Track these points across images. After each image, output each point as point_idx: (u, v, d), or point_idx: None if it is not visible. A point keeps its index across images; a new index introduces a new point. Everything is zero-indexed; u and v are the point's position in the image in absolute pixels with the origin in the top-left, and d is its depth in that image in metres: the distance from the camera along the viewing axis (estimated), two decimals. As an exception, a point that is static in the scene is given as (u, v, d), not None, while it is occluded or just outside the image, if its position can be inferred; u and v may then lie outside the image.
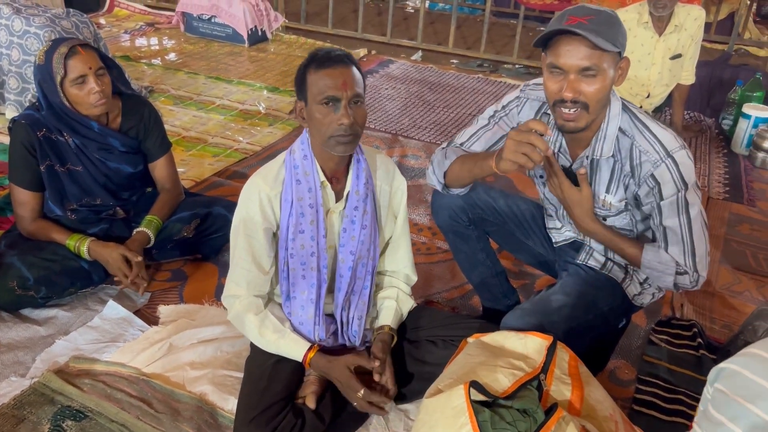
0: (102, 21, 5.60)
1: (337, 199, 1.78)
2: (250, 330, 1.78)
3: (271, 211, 1.74)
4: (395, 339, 1.85)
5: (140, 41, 5.20)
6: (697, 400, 1.93)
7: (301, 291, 1.79)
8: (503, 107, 1.83)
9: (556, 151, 1.76)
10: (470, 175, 1.77)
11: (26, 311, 2.11)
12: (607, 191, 1.73)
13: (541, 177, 1.89)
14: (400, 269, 1.95)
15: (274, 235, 1.79)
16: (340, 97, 1.58)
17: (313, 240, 1.75)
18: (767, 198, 3.30)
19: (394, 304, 1.89)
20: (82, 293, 2.21)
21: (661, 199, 1.62)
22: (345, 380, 1.70)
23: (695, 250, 1.65)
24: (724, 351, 2.13)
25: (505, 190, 2.25)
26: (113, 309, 2.13)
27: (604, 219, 1.79)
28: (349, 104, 1.59)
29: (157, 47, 5.11)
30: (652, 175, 1.61)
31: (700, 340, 2.18)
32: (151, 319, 2.15)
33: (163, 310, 2.18)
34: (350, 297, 1.85)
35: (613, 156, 1.67)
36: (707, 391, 1.11)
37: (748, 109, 3.72)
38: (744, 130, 3.74)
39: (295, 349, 1.75)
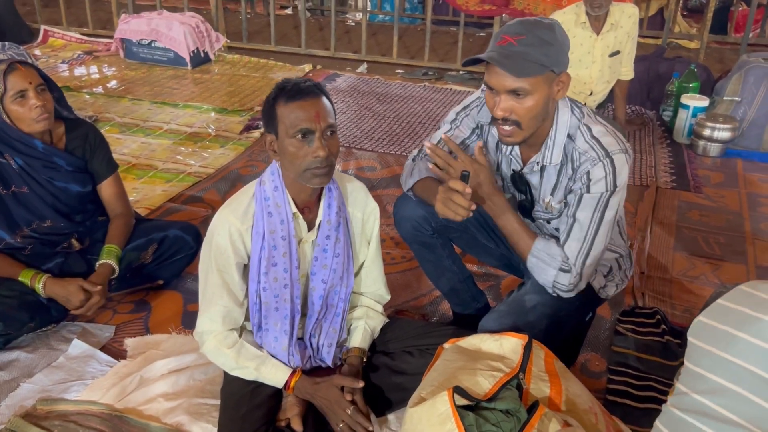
0: (37, 52, 5.46)
1: (309, 228, 1.76)
2: (227, 363, 1.75)
3: (242, 246, 1.72)
4: (365, 360, 1.85)
5: (79, 70, 5.09)
6: (667, 385, 2.00)
7: (274, 323, 1.77)
8: (464, 108, 1.88)
9: (508, 155, 1.80)
10: (427, 199, 1.82)
11: (-15, 356, 2.04)
12: (551, 193, 1.78)
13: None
14: (373, 290, 1.95)
15: (245, 267, 1.77)
16: (314, 129, 1.56)
17: (286, 272, 1.73)
18: (712, 184, 3.43)
19: (363, 324, 1.89)
20: (44, 332, 2.14)
21: (587, 191, 1.66)
22: (334, 399, 1.69)
23: (590, 252, 1.68)
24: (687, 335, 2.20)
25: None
26: (78, 347, 2.07)
27: (548, 222, 1.83)
28: (323, 136, 1.58)
29: (98, 75, 5.01)
30: (588, 172, 1.65)
31: (663, 326, 2.24)
32: (118, 353, 2.10)
33: (130, 343, 2.13)
34: (321, 323, 1.83)
35: (560, 161, 1.71)
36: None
37: (686, 99, 3.86)
38: (684, 120, 3.87)
39: (276, 375, 1.73)
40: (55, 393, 1.91)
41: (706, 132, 3.72)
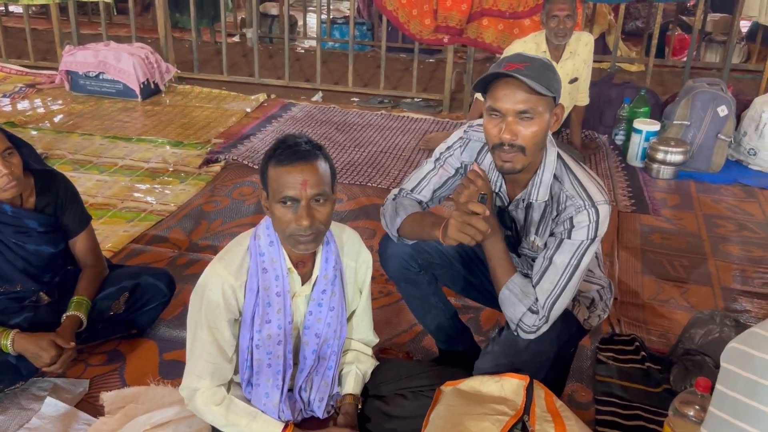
0: (-24, 86, 5.24)
1: (303, 281, 1.73)
2: (216, 420, 1.70)
3: (235, 302, 1.68)
4: (360, 406, 1.82)
5: (23, 104, 4.90)
6: (654, 413, 2.03)
7: (266, 379, 1.72)
8: (448, 148, 1.88)
9: (495, 191, 1.81)
10: (419, 238, 1.82)
11: (-50, 421, 1.91)
12: (536, 233, 1.79)
13: None
14: (362, 337, 1.94)
15: (236, 320, 1.72)
16: (299, 198, 1.53)
17: (280, 329, 1.69)
18: (669, 206, 3.54)
19: (355, 369, 1.86)
20: (11, 391, 2.02)
21: (568, 237, 1.68)
22: None
23: (560, 297, 1.69)
24: (667, 361, 2.24)
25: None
26: (52, 406, 1.96)
27: (533, 260, 1.84)
28: (308, 204, 1.54)
29: (43, 110, 4.83)
30: (571, 218, 1.67)
31: (643, 353, 2.28)
32: (95, 410, 2.00)
33: (107, 398, 2.03)
34: (312, 377, 1.80)
35: (546, 201, 1.73)
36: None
37: (638, 124, 4.00)
38: (637, 144, 4.00)
39: (268, 430, 1.68)
40: (31, 457, 1.81)
41: (660, 155, 3.85)
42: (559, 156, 1.72)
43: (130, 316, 2.27)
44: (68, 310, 2.08)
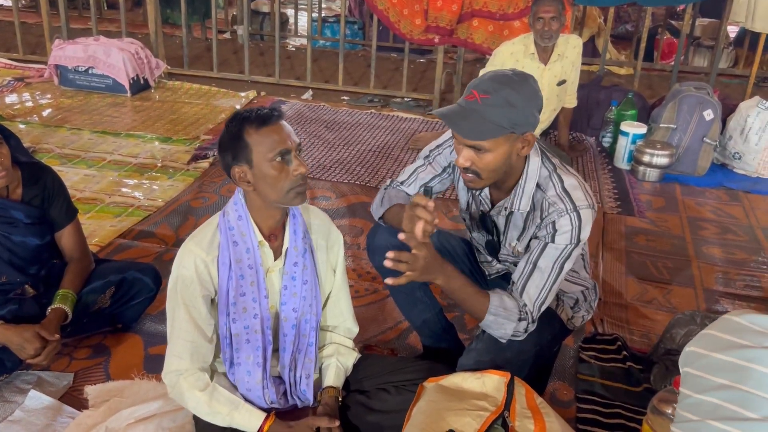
0: (-37, 78, 5.21)
1: (276, 257, 1.75)
2: (199, 407, 1.70)
3: (209, 277, 1.70)
4: (340, 398, 1.83)
5: (11, 98, 4.88)
6: (634, 412, 2.06)
7: (246, 356, 1.74)
8: (438, 146, 1.91)
9: (478, 195, 1.83)
10: (398, 225, 1.82)
11: (-68, 412, 1.91)
12: (518, 238, 1.82)
13: (465, 219, 1.98)
14: (340, 323, 1.94)
15: (212, 301, 1.73)
16: (290, 149, 1.60)
17: (255, 302, 1.71)
18: (654, 209, 3.57)
19: (335, 361, 1.87)
20: (-5, 384, 2.03)
21: (552, 241, 1.70)
22: None
23: (546, 299, 1.73)
24: (648, 361, 2.27)
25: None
26: (36, 399, 1.96)
27: (515, 265, 1.86)
28: (297, 154, 1.61)
29: (32, 104, 4.81)
30: (554, 222, 1.69)
31: (625, 352, 2.31)
32: (80, 403, 2.00)
33: (91, 391, 2.03)
34: (296, 356, 1.82)
35: (529, 209, 1.75)
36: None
37: (625, 126, 4.03)
38: (624, 146, 4.04)
39: (250, 420, 1.69)
40: (14, 450, 1.81)
41: (646, 158, 3.89)
42: (543, 162, 1.73)
43: (116, 311, 2.28)
44: (53, 303, 2.08)
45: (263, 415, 1.70)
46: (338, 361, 1.87)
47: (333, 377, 1.85)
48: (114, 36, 5.56)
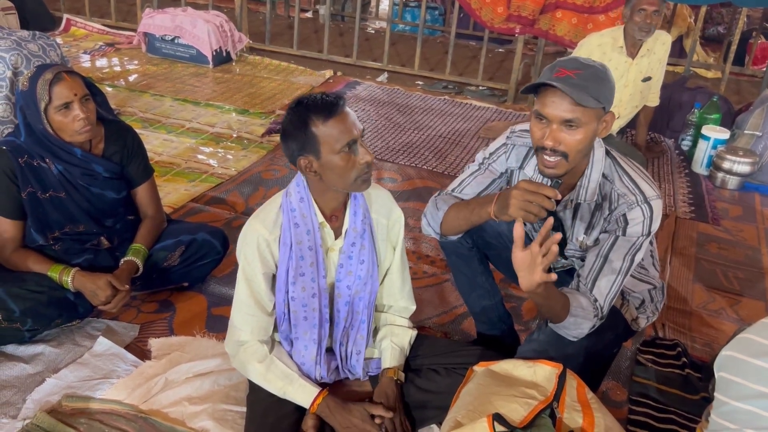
0: (59, 40, 5.44)
1: (336, 236, 1.78)
2: (256, 377, 1.77)
3: (270, 256, 1.75)
4: (400, 380, 1.85)
5: (101, 62, 5.10)
6: (688, 419, 2.01)
7: (303, 332, 1.79)
8: (491, 154, 1.88)
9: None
10: (467, 222, 1.80)
11: (10, 348, 2.03)
12: (586, 233, 1.79)
13: (526, 223, 1.94)
14: (397, 302, 1.96)
15: (274, 277, 1.78)
16: (356, 138, 1.61)
17: (313, 282, 1.76)
18: (730, 217, 3.44)
19: (389, 343, 1.90)
20: (68, 327, 2.14)
21: (623, 234, 1.67)
22: (363, 425, 1.71)
23: (616, 294, 1.69)
24: (708, 370, 2.20)
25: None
26: (103, 345, 2.07)
27: (582, 260, 1.83)
28: (362, 141, 1.63)
29: (119, 68, 5.02)
30: (624, 215, 1.66)
31: (684, 359, 2.25)
32: (143, 353, 2.10)
33: (155, 344, 2.13)
34: (348, 331, 1.85)
35: (595, 200, 1.72)
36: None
37: (707, 131, 3.88)
38: (704, 151, 3.89)
39: (302, 395, 1.75)
40: (81, 390, 1.91)
41: (726, 165, 3.74)
42: (607, 153, 1.71)
43: (184, 270, 2.37)
44: (126, 256, 2.19)
45: (316, 390, 1.75)
46: (392, 342, 1.90)
47: (389, 358, 1.88)
48: (201, 8, 5.71)
